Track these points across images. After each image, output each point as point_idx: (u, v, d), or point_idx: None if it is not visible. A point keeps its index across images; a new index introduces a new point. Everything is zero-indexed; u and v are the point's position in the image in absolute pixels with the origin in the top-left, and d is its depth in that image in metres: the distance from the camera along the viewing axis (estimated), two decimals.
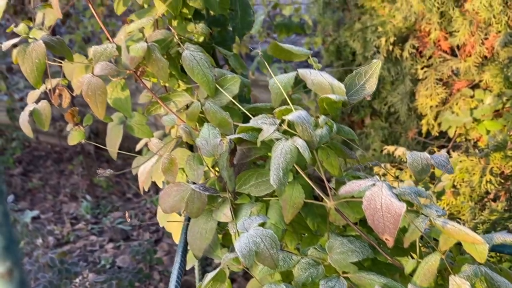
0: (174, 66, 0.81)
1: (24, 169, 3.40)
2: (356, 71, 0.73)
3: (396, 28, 1.94)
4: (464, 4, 1.76)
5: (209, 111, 0.73)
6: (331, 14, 2.41)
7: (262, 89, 3.48)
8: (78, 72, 0.80)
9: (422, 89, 1.89)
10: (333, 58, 2.38)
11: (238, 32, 0.88)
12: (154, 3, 0.80)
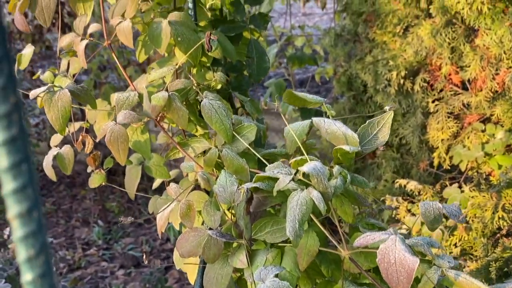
0: (193, 112, 0.84)
1: None
2: (369, 121, 0.75)
3: (407, 62, 1.96)
4: (475, 39, 1.79)
5: (227, 158, 0.76)
6: (342, 46, 2.45)
7: (273, 116, 3.52)
8: (101, 118, 0.83)
9: (433, 122, 1.90)
10: (344, 89, 2.41)
11: (254, 78, 0.92)
12: (174, 52, 0.83)
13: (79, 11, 0.87)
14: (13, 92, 0.23)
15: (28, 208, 0.23)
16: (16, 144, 0.23)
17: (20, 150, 0.22)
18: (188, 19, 0.81)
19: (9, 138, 0.22)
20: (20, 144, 0.23)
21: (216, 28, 0.89)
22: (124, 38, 0.76)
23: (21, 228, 0.22)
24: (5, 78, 0.22)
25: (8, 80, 0.22)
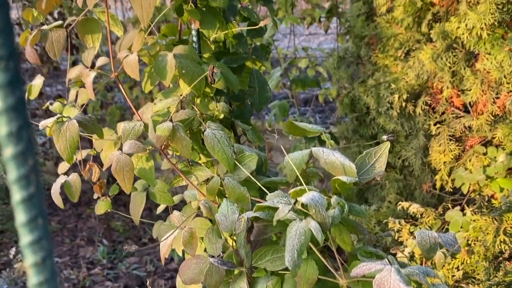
0: (196, 140, 0.87)
1: None
2: (367, 152, 0.78)
3: (408, 85, 1.99)
4: (475, 64, 1.81)
5: (228, 187, 0.78)
6: (345, 68, 2.48)
7: (277, 136, 3.52)
8: (107, 147, 0.86)
9: (435, 144, 1.92)
10: (347, 110, 2.43)
11: (256, 107, 0.94)
12: (179, 83, 0.86)
13: (87, 42, 0.91)
14: (19, 87, 0.25)
15: (34, 216, 0.25)
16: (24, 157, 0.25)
17: (26, 163, 0.25)
18: (193, 52, 0.84)
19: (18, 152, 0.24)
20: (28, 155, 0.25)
21: (219, 59, 0.92)
22: (131, 71, 0.79)
23: (28, 234, 0.25)
24: (11, 74, 0.24)
25: (14, 76, 0.24)
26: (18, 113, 0.25)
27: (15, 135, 0.24)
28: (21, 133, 0.25)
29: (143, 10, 0.74)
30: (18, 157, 0.25)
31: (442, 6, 1.91)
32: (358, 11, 2.37)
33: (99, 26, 0.90)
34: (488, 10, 1.62)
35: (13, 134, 0.24)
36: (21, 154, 0.25)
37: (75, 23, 0.86)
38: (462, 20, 1.72)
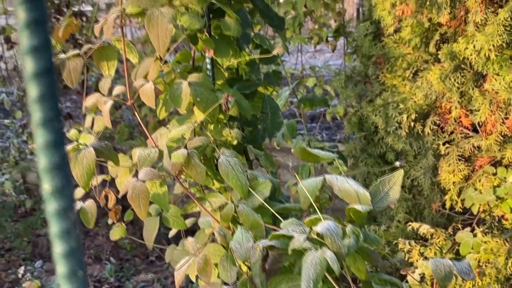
0: (210, 166, 0.88)
1: None
2: (381, 179, 0.78)
3: (417, 105, 2.00)
4: (484, 84, 1.82)
5: (242, 214, 0.78)
6: (352, 87, 2.49)
7: (285, 153, 3.55)
8: (123, 173, 0.87)
9: (444, 165, 1.92)
10: (355, 129, 2.44)
11: (268, 133, 0.95)
12: (193, 109, 0.88)
13: (103, 69, 0.92)
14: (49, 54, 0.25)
15: None
16: None
17: None
18: (207, 79, 0.85)
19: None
20: None
21: (232, 86, 0.93)
22: (147, 99, 0.80)
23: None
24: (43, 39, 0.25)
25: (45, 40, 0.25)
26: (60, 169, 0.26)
27: (59, 191, 0.25)
28: (64, 190, 0.26)
29: (160, 41, 0.76)
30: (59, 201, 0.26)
31: (449, 27, 1.93)
32: (365, 31, 2.39)
33: (115, 54, 0.92)
34: (496, 31, 1.63)
35: (58, 191, 0.25)
36: (63, 209, 0.26)
37: (92, 51, 0.88)
38: (470, 41, 1.73)
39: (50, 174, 0.25)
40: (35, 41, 0.24)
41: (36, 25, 0.24)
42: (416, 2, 1.91)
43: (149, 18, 0.76)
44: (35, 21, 0.24)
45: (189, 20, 0.79)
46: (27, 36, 0.25)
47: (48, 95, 0.25)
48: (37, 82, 0.25)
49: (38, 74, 0.25)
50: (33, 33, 0.25)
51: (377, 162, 2.37)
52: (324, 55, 7.47)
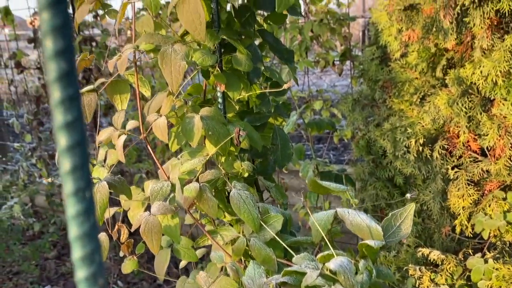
0: (221, 198, 0.89)
1: (58, 252, 3.48)
2: (392, 214, 0.78)
3: (425, 130, 2.00)
4: (492, 109, 1.82)
5: (254, 248, 0.79)
6: (360, 111, 2.51)
7: (292, 175, 3.54)
8: (135, 206, 0.88)
9: (453, 189, 1.91)
10: (363, 152, 2.44)
11: (279, 164, 0.96)
12: (205, 142, 0.89)
13: (115, 102, 0.94)
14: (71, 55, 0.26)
15: None
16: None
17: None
18: (218, 113, 0.86)
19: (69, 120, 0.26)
20: None
21: (243, 119, 0.94)
22: (160, 134, 0.81)
23: None
24: None
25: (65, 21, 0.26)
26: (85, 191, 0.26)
27: (85, 237, 0.26)
28: (90, 235, 0.27)
29: (173, 78, 0.77)
30: None
31: (456, 52, 1.94)
32: (371, 55, 2.42)
33: (128, 87, 0.94)
34: (503, 57, 1.64)
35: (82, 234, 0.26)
36: (89, 255, 0.26)
37: (105, 86, 0.89)
38: (477, 67, 1.74)
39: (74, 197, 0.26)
40: (63, 66, 0.26)
41: (63, 53, 0.26)
42: (423, 28, 1.93)
43: (163, 56, 0.77)
44: (62, 50, 0.26)
45: (201, 57, 0.81)
46: (54, 64, 0.26)
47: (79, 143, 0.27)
48: (63, 108, 0.26)
49: (64, 100, 0.26)
50: (60, 61, 0.26)
51: (385, 186, 2.37)
52: (330, 76, 7.50)
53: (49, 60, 0.26)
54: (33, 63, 4.69)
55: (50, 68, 0.26)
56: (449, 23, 1.79)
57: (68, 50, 0.26)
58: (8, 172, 3.71)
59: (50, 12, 0.25)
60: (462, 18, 1.78)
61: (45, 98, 3.47)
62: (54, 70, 0.26)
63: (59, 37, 0.26)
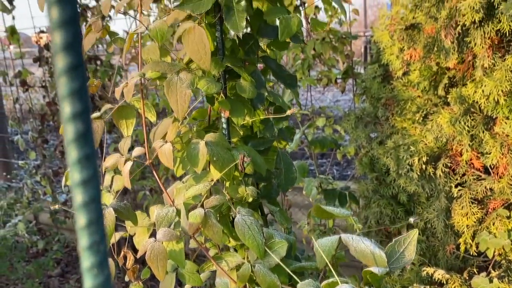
0: (226, 223, 0.89)
1: (62, 270, 3.47)
2: (396, 240, 0.79)
3: (428, 148, 2.01)
4: (494, 127, 1.83)
5: (259, 274, 0.79)
6: (363, 128, 2.52)
7: (296, 191, 3.54)
8: (141, 232, 0.89)
9: (457, 207, 1.91)
10: (366, 169, 2.45)
11: (283, 188, 0.97)
12: (209, 167, 0.90)
13: (121, 127, 0.95)
14: None
15: None
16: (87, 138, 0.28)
17: None
18: (223, 139, 0.88)
19: None
20: None
21: (247, 143, 0.95)
22: (166, 160, 0.82)
23: None
24: None
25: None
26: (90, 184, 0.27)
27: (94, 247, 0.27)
28: (98, 246, 0.28)
29: (179, 106, 0.78)
30: None
31: (458, 71, 1.95)
32: (374, 73, 2.43)
33: (134, 112, 0.95)
34: (504, 77, 1.66)
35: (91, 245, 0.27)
36: None
37: (112, 112, 0.91)
38: (479, 86, 1.76)
39: None
40: (74, 84, 0.27)
41: (75, 69, 0.27)
42: (424, 47, 1.95)
43: (169, 84, 0.79)
44: (74, 66, 0.27)
45: (206, 85, 0.82)
46: (66, 80, 0.27)
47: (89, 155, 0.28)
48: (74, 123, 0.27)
49: (75, 115, 0.27)
50: (72, 78, 0.27)
51: (389, 203, 2.37)
52: (333, 91, 7.52)
53: (60, 76, 0.27)
54: (38, 80, 4.73)
55: (61, 84, 0.27)
56: (450, 42, 1.81)
57: (79, 67, 0.27)
58: (13, 189, 3.72)
59: (62, 30, 0.27)
60: (463, 37, 1.80)
61: (49, 116, 3.49)
62: (64, 85, 0.27)
63: (71, 54, 0.27)
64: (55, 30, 0.27)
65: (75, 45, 0.27)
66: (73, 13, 0.26)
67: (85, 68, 0.30)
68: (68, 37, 0.27)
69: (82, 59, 0.29)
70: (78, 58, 0.27)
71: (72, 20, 0.27)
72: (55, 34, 0.27)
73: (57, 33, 0.26)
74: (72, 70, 0.27)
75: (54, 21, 0.26)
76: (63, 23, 0.26)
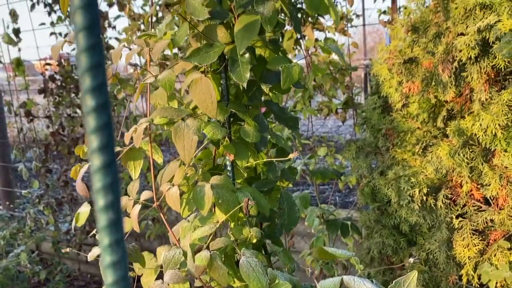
0: (230, 264, 0.92)
1: None
2: (396, 281, 0.81)
3: (428, 179, 2.04)
4: (493, 159, 1.86)
5: None
6: (364, 158, 2.55)
7: (299, 237, 3.54)
8: (148, 273, 0.91)
9: (458, 238, 1.93)
10: (368, 199, 2.47)
11: (286, 228, 0.99)
12: (214, 209, 0.93)
13: (130, 168, 0.99)
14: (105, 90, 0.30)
15: None
16: None
17: None
18: (228, 181, 0.91)
19: None
20: None
21: (251, 184, 0.98)
22: (172, 203, 0.85)
23: None
24: None
25: None
26: None
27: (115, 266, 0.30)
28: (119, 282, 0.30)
29: (186, 151, 0.82)
30: None
31: (456, 103, 1.99)
32: (373, 104, 2.48)
33: (141, 154, 0.98)
34: (501, 111, 1.69)
35: None
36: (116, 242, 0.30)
37: (122, 155, 0.94)
38: (477, 119, 1.79)
39: None
40: (97, 100, 0.31)
41: (98, 89, 0.31)
42: (422, 81, 2.00)
43: (176, 131, 0.82)
44: (97, 86, 0.31)
45: (212, 131, 0.86)
46: (89, 98, 0.31)
47: None
48: (96, 135, 0.31)
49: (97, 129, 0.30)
50: (94, 95, 0.31)
51: (391, 233, 2.38)
52: (332, 117, 7.55)
53: (85, 95, 0.31)
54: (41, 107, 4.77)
55: (85, 101, 0.31)
56: (447, 77, 1.85)
57: (102, 86, 0.31)
58: (15, 219, 3.73)
59: (88, 53, 0.31)
60: (460, 72, 1.85)
61: (53, 146, 3.53)
62: (90, 102, 0.31)
63: (96, 75, 0.31)
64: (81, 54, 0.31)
65: (98, 45, 0.31)
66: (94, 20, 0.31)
67: (107, 85, 0.35)
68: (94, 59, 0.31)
69: (105, 77, 0.33)
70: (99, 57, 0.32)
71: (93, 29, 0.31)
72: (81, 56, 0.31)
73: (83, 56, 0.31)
74: (97, 89, 0.31)
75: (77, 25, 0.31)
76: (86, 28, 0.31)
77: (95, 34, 0.31)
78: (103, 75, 0.32)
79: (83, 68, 0.31)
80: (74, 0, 0.31)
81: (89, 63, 0.31)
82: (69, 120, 3.38)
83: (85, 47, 0.31)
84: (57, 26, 3.41)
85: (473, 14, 1.78)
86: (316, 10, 0.79)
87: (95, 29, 0.31)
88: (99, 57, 0.31)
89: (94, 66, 0.31)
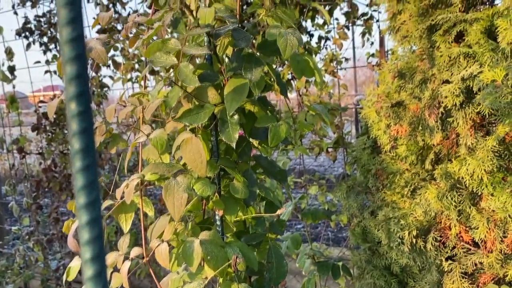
0: None
1: None
2: None
3: (417, 221, 2.06)
4: (480, 202, 1.89)
5: None
6: (354, 197, 2.57)
7: (290, 258, 3.53)
8: None
9: (448, 281, 1.93)
10: (359, 240, 2.48)
11: (274, 281, 1.00)
12: (203, 264, 0.94)
13: (121, 220, 1.00)
14: None
15: None
16: None
17: None
18: (217, 236, 0.92)
19: None
20: None
21: (240, 238, 1.00)
22: (162, 260, 0.87)
23: None
24: None
25: None
26: None
27: None
28: None
29: (175, 208, 0.84)
30: None
31: (443, 147, 2.04)
32: (363, 144, 2.52)
33: (132, 207, 1.00)
34: (486, 157, 1.73)
35: None
36: None
37: (113, 209, 0.96)
38: (463, 164, 1.83)
39: None
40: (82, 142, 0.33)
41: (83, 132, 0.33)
42: (410, 125, 2.04)
43: (166, 188, 0.84)
44: (84, 130, 0.33)
45: (201, 188, 0.88)
46: (76, 141, 0.33)
47: None
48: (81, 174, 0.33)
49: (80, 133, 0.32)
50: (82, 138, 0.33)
51: (383, 274, 2.38)
52: None
53: (73, 137, 0.34)
54: (34, 142, 4.77)
55: (73, 143, 0.34)
56: (434, 121, 1.90)
57: (89, 130, 0.34)
58: (4, 256, 3.69)
59: (76, 102, 0.33)
60: (446, 117, 1.90)
61: (45, 183, 3.52)
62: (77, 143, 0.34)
63: (83, 119, 0.34)
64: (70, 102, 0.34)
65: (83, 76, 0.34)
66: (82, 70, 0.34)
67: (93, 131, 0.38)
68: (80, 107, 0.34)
69: (88, 88, 0.36)
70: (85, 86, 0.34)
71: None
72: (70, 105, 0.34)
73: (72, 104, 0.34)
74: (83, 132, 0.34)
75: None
76: None
77: (82, 83, 0.35)
78: (90, 119, 0.35)
79: (71, 113, 0.34)
80: (65, 51, 0.34)
81: (76, 110, 0.34)
82: (61, 156, 3.39)
83: (73, 95, 0.34)
84: (51, 64, 3.46)
85: (457, 62, 1.84)
86: (302, 74, 0.83)
87: (84, 78, 0.35)
88: (86, 105, 0.35)
89: (81, 113, 0.34)
